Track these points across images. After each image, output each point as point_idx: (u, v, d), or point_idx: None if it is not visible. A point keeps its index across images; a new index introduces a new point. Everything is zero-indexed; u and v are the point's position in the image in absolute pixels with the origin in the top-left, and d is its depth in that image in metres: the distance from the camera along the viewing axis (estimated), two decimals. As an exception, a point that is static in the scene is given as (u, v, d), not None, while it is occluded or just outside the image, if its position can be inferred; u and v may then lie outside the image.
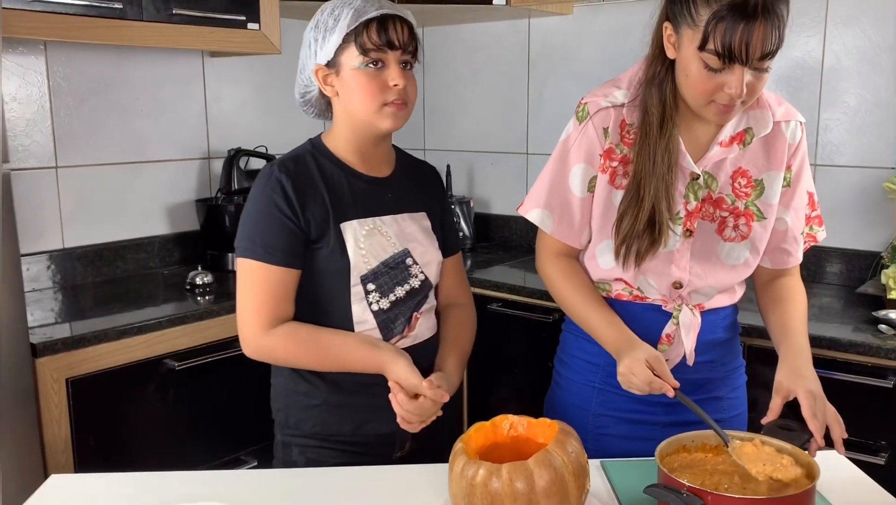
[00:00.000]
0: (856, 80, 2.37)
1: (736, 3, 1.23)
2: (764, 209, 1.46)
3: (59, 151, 2.47)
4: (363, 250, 1.42)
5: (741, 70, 1.27)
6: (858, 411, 1.87)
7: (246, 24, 2.48)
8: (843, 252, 2.44)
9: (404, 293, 1.46)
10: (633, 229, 1.39)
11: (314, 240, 1.41)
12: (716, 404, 1.52)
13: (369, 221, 1.44)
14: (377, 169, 1.50)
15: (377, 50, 1.37)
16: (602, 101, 1.44)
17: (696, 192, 1.43)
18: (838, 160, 2.42)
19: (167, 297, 2.41)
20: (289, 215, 1.39)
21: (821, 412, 1.28)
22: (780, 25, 1.25)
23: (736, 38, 1.23)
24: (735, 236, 1.46)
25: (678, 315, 1.46)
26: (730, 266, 1.47)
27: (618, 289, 1.50)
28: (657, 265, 1.44)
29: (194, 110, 2.81)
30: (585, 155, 1.45)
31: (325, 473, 1.42)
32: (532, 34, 3.03)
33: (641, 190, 1.38)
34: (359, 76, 1.38)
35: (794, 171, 1.48)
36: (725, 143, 1.43)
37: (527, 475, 1.08)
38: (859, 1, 2.33)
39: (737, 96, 1.29)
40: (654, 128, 1.38)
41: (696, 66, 1.29)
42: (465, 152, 3.27)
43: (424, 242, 1.50)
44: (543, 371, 1.67)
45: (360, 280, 1.42)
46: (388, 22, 1.37)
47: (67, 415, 1.93)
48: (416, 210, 1.52)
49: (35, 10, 2.02)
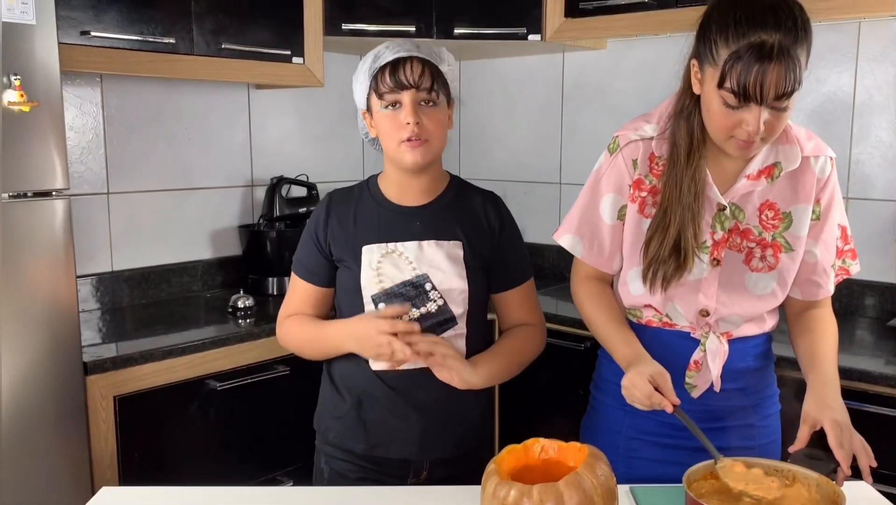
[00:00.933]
0: (887, 114, 2.39)
1: (753, 45, 1.28)
2: (792, 241, 1.49)
3: (111, 178, 2.58)
4: (375, 272, 1.51)
5: (757, 109, 1.31)
6: (889, 444, 1.87)
7: (291, 59, 2.59)
8: (877, 285, 2.44)
9: (419, 315, 1.52)
10: (659, 254, 1.45)
11: (338, 260, 1.57)
12: (747, 432, 1.54)
13: (388, 246, 1.53)
14: (414, 199, 1.57)
15: (391, 92, 1.47)
16: (632, 135, 1.50)
17: (722, 222, 1.47)
18: (871, 194, 2.44)
19: (209, 319, 2.49)
20: (316, 239, 1.59)
21: (847, 442, 1.29)
22: (796, 68, 1.29)
23: (751, 78, 1.28)
24: (762, 267, 1.49)
25: (706, 342, 1.50)
26: (756, 296, 1.50)
27: (648, 315, 1.54)
28: (685, 293, 1.49)
29: (239, 140, 2.91)
30: (615, 185, 1.52)
31: (359, 491, 1.46)
32: (566, 68, 3.09)
33: (668, 217, 1.44)
34: (382, 118, 1.50)
35: (823, 205, 1.51)
36: (753, 177, 1.47)
37: (557, 497, 1.12)
38: (891, 37, 2.36)
39: (753, 133, 1.33)
40: (681, 158, 1.43)
41: (717, 102, 1.34)
42: (499, 181, 3.33)
43: (447, 270, 1.53)
44: (575, 397, 1.71)
45: (372, 299, 1.51)
46: (399, 64, 1.46)
47: (114, 431, 2.01)
48: (448, 238, 1.55)
49: (94, 45, 2.14)
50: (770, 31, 1.28)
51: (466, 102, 3.39)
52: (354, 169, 3.27)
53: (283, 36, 2.57)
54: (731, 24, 1.31)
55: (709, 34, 1.34)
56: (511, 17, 2.73)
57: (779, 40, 1.28)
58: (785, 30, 1.29)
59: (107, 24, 2.16)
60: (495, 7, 2.74)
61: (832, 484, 1.21)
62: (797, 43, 1.30)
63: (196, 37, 2.35)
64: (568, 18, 2.67)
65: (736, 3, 1.33)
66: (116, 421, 2.01)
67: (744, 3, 1.32)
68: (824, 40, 2.47)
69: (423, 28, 2.72)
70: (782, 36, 1.28)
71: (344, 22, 2.68)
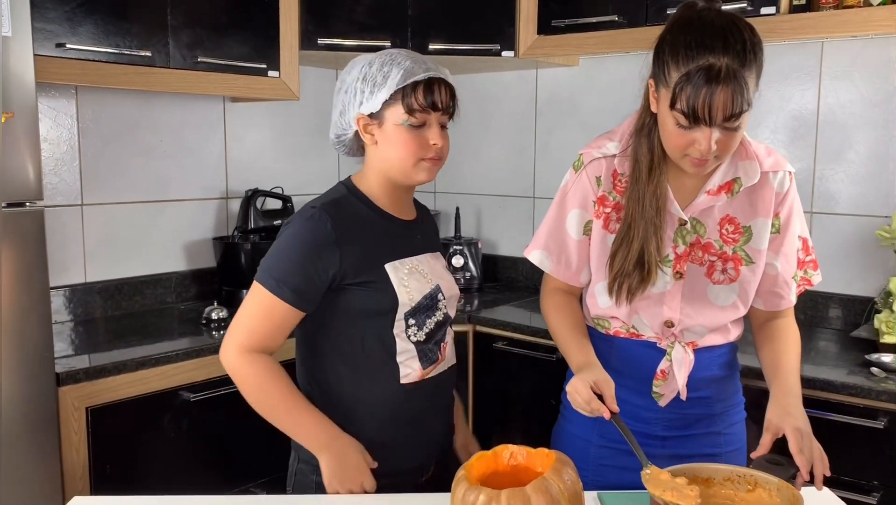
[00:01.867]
0: (850, 132, 2.46)
1: (701, 67, 1.32)
2: (752, 254, 1.53)
3: (86, 189, 2.58)
4: (408, 288, 1.51)
5: (708, 129, 1.35)
6: (851, 451, 1.93)
7: (267, 72, 2.61)
8: (840, 297, 2.51)
9: (434, 325, 1.55)
10: (624, 268, 1.49)
11: (355, 282, 1.48)
12: (713, 439, 1.58)
13: (407, 262, 1.54)
14: (405, 213, 1.60)
15: (422, 111, 1.46)
16: (595, 153, 1.55)
17: (683, 236, 1.52)
18: (835, 208, 2.51)
19: (183, 331, 2.49)
20: (317, 261, 1.45)
21: (807, 449, 1.33)
22: (744, 90, 1.33)
23: (700, 100, 1.32)
24: (724, 279, 1.53)
25: (671, 352, 1.54)
26: (719, 307, 1.54)
27: (615, 326, 1.58)
28: (650, 305, 1.53)
29: (214, 152, 2.92)
30: (580, 201, 1.56)
31: (339, 500, 1.47)
32: (539, 84, 3.15)
33: (631, 232, 1.48)
34: (401, 132, 1.47)
35: (783, 218, 1.55)
36: (713, 192, 1.51)
37: (524, 501, 1.14)
38: (852, 57, 2.44)
39: (705, 153, 1.37)
40: (643, 175, 1.48)
41: (671, 122, 1.38)
42: (474, 195, 3.37)
43: (447, 279, 1.62)
44: (546, 407, 1.75)
45: (404, 316, 1.51)
46: (433, 85, 1.47)
47: (86, 442, 2.01)
48: (436, 250, 1.66)
49: (69, 57, 2.15)
50: (718, 55, 1.32)
51: (441, 117, 3.43)
52: (329, 182, 3.22)
53: (259, 50, 2.59)
54: (681, 47, 1.35)
55: (662, 56, 1.39)
56: (485, 33, 2.78)
57: (726, 63, 1.32)
58: (733, 53, 1.32)
59: (82, 36, 2.17)
60: (470, 23, 2.79)
61: (791, 488, 1.25)
62: (745, 66, 1.33)
63: (172, 50, 2.36)
64: (540, 35, 2.73)
65: (688, 26, 1.37)
66: (88, 432, 2.01)
67: (695, 26, 1.36)
68: (789, 60, 2.54)
69: (398, 43, 2.76)
70: (730, 59, 1.32)
71: (320, 37, 2.71)
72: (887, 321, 2.16)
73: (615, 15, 2.54)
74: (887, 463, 1.91)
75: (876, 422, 1.90)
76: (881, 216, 2.41)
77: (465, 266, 3.10)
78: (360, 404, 1.52)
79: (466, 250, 3.10)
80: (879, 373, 1.99)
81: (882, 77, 2.40)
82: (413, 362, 1.53)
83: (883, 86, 2.40)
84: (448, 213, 3.33)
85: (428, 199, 3.50)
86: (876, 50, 2.40)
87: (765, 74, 2.67)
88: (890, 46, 2.38)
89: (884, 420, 1.90)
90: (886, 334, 2.15)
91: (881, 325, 2.17)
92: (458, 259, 3.09)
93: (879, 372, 2.00)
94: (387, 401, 1.52)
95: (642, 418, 1.57)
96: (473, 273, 3.12)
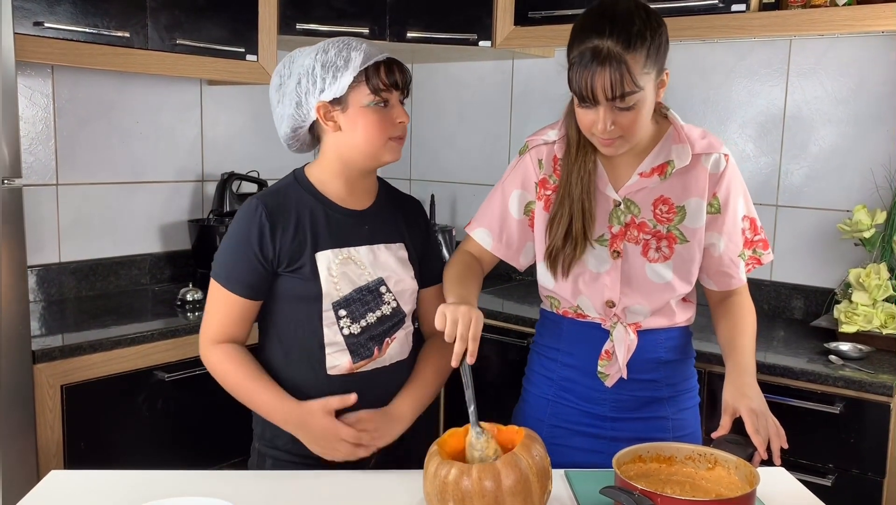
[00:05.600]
0: (815, 128, 2.54)
1: (584, 50, 1.39)
2: (686, 233, 1.58)
3: (61, 169, 2.58)
4: (335, 278, 1.52)
5: (601, 109, 1.41)
6: (808, 436, 2.01)
7: (245, 56, 2.62)
8: (804, 288, 2.58)
9: (375, 319, 1.55)
10: (555, 243, 1.56)
11: (288, 268, 1.52)
12: (661, 424, 1.63)
13: (343, 251, 1.54)
14: (359, 201, 1.60)
15: (386, 90, 1.50)
16: (538, 140, 1.63)
17: (618, 217, 1.57)
18: (799, 202, 2.58)
19: (158, 312, 2.50)
20: (256, 251, 1.50)
21: (763, 428, 1.38)
22: (628, 72, 1.38)
23: (583, 81, 1.39)
24: (658, 257, 1.58)
25: (613, 332, 1.59)
26: (656, 285, 1.58)
27: (565, 306, 1.64)
28: (591, 285, 1.58)
29: (191, 135, 2.93)
30: (522, 182, 1.63)
31: (305, 475, 1.50)
32: (515, 74, 3.19)
33: (562, 208, 1.55)
34: (368, 113, 1.50)
35: (721, 199, 1.59)
36: (646, 174, 1.56)
37: (494, 475, 1.19)
38: (819, 55, 2.51)
39: (601, 132, 1.43)
40: (571, 154, 1.55)
41: (576, 101, 1.45)
42: (448, 183, 3.41)
43: (399, 272, 1.60)
44: (517, 390, 1.79)
45: (332, 306, 1.52)
46: (392, 65, 1.52)
47: (61, 419, 2.02)
48: (394, 241, 1.62)
49: (47, 36, 2.15)
50: (603, 38, 1.38)
51: (418, 105, 3.46)
52: (306, 167, 3.30)
53: (238, 33, 2.60)
54: (577, 30, 1.43)
55: (570, 41, 1.45)
56: (463, 23, 2.81)
57: (608, 46, 1.37)
58: (617, 37, 1.37)
59: (60, 15, 2.17)
60: (448, 13, 2.82)
61: (749, 466, 1.30)
62: (630, 48, 1.38)
63: (150, 31, 2.36)
64: (517, 27, 2.76)
65: (591, 11, 1.45)
66: (63, 410, 2.02)
67: (595, 11, 1.44)
68: (757, 57, 2.61)
69: (376, 30, 2.78)
70: (613, 42, 1.37)
71: (298, 22, 2.72)
72: (846, 311, 2.24)
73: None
74: (843, 447, 1.98)
75: (833, 407, 1.98)
76: (843, 210, 2.49)
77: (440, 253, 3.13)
78: (292, 389, 1.54)
79: (441, 237, 3.14)
80: (837, 360, 2.07)
81: (846, 75, 2.47)
82: (342, 355, 1.54)
83: (847, 83, 2.47)
84: (423, 201, 3.35)
85: (403, 186, 3.53)
86: (841, 49, 2.47)
87: (734, 70, 2.74)
88: (854, 45, 2.45)
89: (840, 405, 1.97)
90: (845, 324, 2.22)
91: (840, 315, 2.25)
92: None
93: (837, 360, 2.08)
94: (313, 389, 1.53)
95: (591, 399, 1.62)
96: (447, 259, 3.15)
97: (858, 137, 2.47)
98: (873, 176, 2.44)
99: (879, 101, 2.42)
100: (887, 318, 2.20)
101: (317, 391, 1.53)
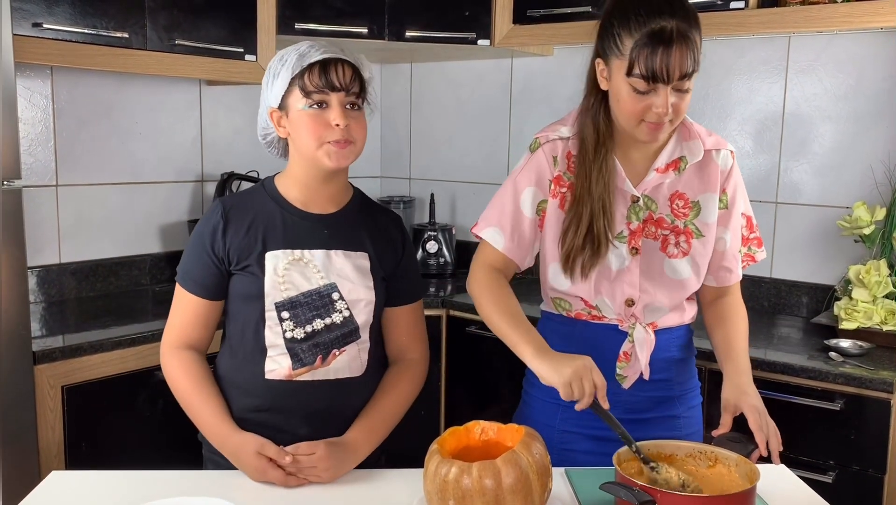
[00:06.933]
0: (814, 125, 2.54)
1: (654, 31, 1.41)
2: (702, 228, 1.60)
3: (61, 170, 2.58)
4: (280, 279, 1.48)
5: (665, 90, 1.43)
6: (808, 432, 2.01)
7: (244, 56, 2.62)
8: (804, 285, 2.58)
9: (323, 326, 1.50)
10: (574, 244, 1.55)
11: (238, 266, 1.50)
12: (672, 423, 1.64)
13: (296, 253, 1.50)
14: (321, 206, 1.55)
15: (319, 92, 1.44)
16: (551, 135, 1.62)
17: (637, 213, 1.58)
18: (799, 199, 2.58)
19: (158, 312, 2.49)
20: (209, 252, 1.50)
21: (765, 425, 1.41)
22: (695, 49, 1.44)
23: (657, 61, 1.41)
24: (677, 253, 1.59)
25: (633, 333, 1.59)
26: (675, 281, 1.60)
27: (577, 308, 1.62)
28: (610, 284, 1.58)
29: (190, 135, 2.93)
30: (535, 179, 1.60)
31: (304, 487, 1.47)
32: (514, 73, 3.19)
33: (580, 208, 1.54)
34: (303, 117, 1.46)
35: (729, 195, 1.63)
36: (661, 170, 1.58)
37: (495, 473, 1.19)
38: (817, 52, 2.50)
39: (663, 115, 1.45)
40: (589, 152, 1.55)
41: (626, 90, 1.45)
42: (448, 182, 3.41)
43: (355, 280, 1.53)
44: (516, 389, 1.79)
45: (275, 307, 1.48)
46: (329, 65, 1.44)
47: (62, 420, 2.02)
48: (354, 249, 1.55)
49: (46, 37, 2.15)
50: (667, 18, 1.41)
51: (417, 104, 3.46)
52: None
53: (236, 33, 2.60)
54: (631, 16, 1.44)
55: (611, 30, 1.47)
56: (461, 22, 2.81)
57: (676, 25, 1.41)
58: (680, 16, 1.42)
59: (59, 16, 2.17)
60: (446, 12, 2.82)
61: (749, 463, 1.31)
62: (692, 27, 1.44)
63: (149, 32, 2.36)
64: (516, 25, 2.76)
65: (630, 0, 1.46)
66: (64, 410, 2.02)
67: None
68: (756, 54, 2.61)
69: (375, 30, 2.78)
70: (678, 21, 1.41)
71: (297, 21, 2.72)
72: (846, 308, 2.24)
73: (589, 6, 2.58)
74: (843, 443, 1.99)
75: (833, 404, 1.98)
76: (842, 207, 2.48)
77: (440, 252, 3.14)
78: (232, 388, 1.53)
79: (440, 236, 3.15)
80: (837, 357, 2.07)
81: (845, 72, 2.47)
82: (282, 359, 1.50)
83: (846, 80, 2.47)
84: (423, 200, 3.37)
85: (402, 185, 3.53)
86: (840, 45, 2.47)
87: (733, 67, 2.74)
88: (853, 42, 2.45)
89: (840, 402, 1.97)
90: (845, 321, 2.23)
91: (840, 311, 2.25)
92: (433, 245, 3.14)
93: (837, 357, 2.08)
94: (250, 391, 1.51)
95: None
96: (447, 259, 3.16)
97: (858, 134, 2.47)
98: (873, 172, 2.44)
99: (878, 97, 2.42)
100: (887, 314, 2.20)
101: (255, 395, 1.51)
